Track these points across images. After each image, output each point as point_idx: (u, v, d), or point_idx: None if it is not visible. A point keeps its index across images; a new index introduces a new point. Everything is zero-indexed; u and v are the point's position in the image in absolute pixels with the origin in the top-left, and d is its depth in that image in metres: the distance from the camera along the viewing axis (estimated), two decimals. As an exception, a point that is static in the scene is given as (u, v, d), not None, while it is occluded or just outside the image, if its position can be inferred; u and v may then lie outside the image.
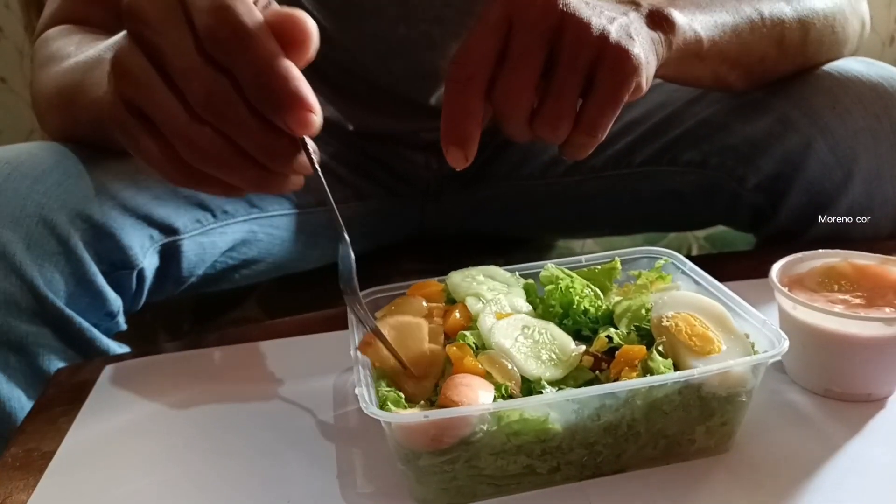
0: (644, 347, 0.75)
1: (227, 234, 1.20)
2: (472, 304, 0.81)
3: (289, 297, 1.52)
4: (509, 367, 0.72)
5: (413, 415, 0.66)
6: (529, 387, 0.73)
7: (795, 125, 1.16)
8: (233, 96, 0.56)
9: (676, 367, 0.73)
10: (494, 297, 0.82)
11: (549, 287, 0.84)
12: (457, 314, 0.80)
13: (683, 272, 0.89)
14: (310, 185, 0.71)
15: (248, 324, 1.46)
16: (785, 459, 0.71)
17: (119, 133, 0.61)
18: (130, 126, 0.60)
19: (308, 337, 1.04)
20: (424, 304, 0.83)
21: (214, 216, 1.14)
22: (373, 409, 0.66)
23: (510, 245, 1.59)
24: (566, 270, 0.88)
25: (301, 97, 0.56)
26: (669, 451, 0.72)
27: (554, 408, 0.69)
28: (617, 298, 0.86)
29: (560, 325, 0.81)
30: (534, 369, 0.73)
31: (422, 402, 0.73)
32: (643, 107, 1.38)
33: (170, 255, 1.06)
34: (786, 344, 0.72)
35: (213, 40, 0.55)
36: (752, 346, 0.76)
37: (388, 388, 0.72)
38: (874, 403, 0.82)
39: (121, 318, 1.07)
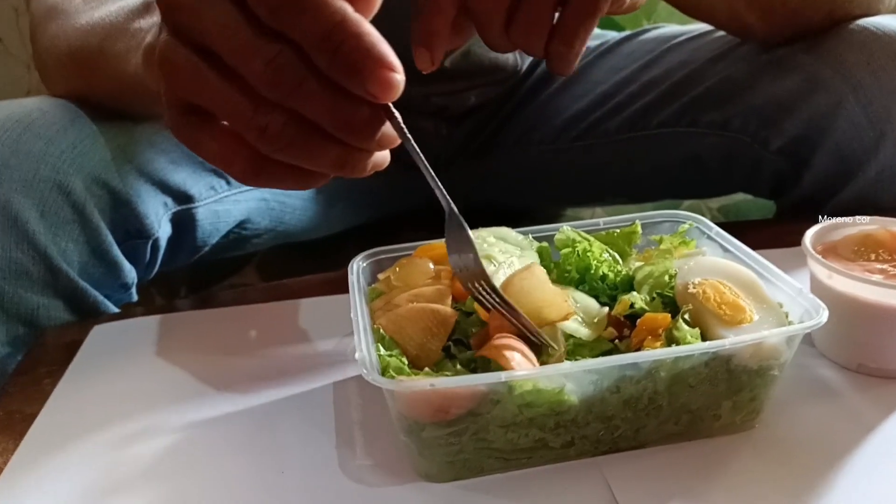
0: (668, 315, 0.68)
1: (240, 202, 1.14)
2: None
3: (289, 265, 1.46)
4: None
5: (418, 382, 0.59)
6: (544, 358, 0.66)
7: (826, 83, 1.08)
8: (298, 68, 0.46)
9: (704, 338, 0.66)
10: (507, 259, 0.75)
11: (565, 251, 0.77)
12: (465, 277, 0.73)
13: (709, 237, 0.81)
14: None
15: (248, 287, 1.41)
16: (814, 438, 0.66)
17: (179, 138, 0.53)
18: (188, 128, 0.52)
19: (308, 300, 0.97)
20: (431, 266, 0.76)
21: (228, 183, 1.12)
22: (374, 377, 0.59)
23: (518, 216, 1.52)
24: (583, 234, 0.81)
25: (380, 55, 0.46)
26: (692, 426, 0.66)
27: (570, 378, 0.62)
28: (638, 264, 0.78)
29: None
30: (568, 327, 0.67)
31: (427, 368, 0.66)
32: (662, 66, 1.29)
33: (184, 223, 1.02)
34: (825, 314, 0.65)
35: (265, 5, 0.46)
36: (786, 317, 0.69)
37: (390, 354, 0.66)
38: (911, 380, 0.76)
39: (134, 290, 1.01)
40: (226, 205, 1.11)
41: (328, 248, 1.46)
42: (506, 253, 0.77)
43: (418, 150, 0.54)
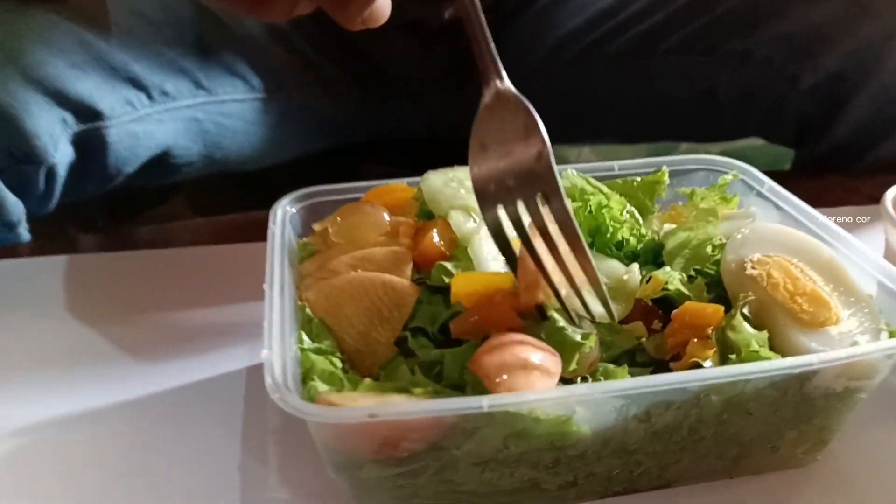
0: (720, 308, 0.47)
1: (165, 122, 0.90)
2: (457, 221, 0.52)
3: (226, 196, 1.22)
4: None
5: (348, 411, 0.37)
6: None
7: (877, 9, 0.90)
8: None
9: (772, 344, 0.45)
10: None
11: (574, 205, 0.55)
12: (434, 235, 0.51)
13: (759, 194, 0.60)
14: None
15: (174, 223, 1.19)
16: (891, 473, 0.51)
17: None
18: None
19: (236, 247, 0.75)
20: (386, 216, 0.54)
21: (150, 97, 0.89)
22: (284, 396, 0.37)
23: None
24: (593, 181, 0.59)
25: None
26: (739, 461, 0.48)
27: (585, 403, 0.41)
28: (667, 226, 0.57)
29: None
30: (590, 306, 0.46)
31: (370, 371, 0.44)
32: (674, -21, 1.07)
33: (90, 146, 0.82)
34: (948, 319, 0.44)
35: None
36: (878, 315, 0.48)
37: (317, 348, 0.44)
38: None
39: (22, 229, 0.80)
40: (147, 125, 0.88)
41: (274, 179, 1.22)
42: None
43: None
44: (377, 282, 0.47)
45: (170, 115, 0.91)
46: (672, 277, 0.50)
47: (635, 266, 0.51)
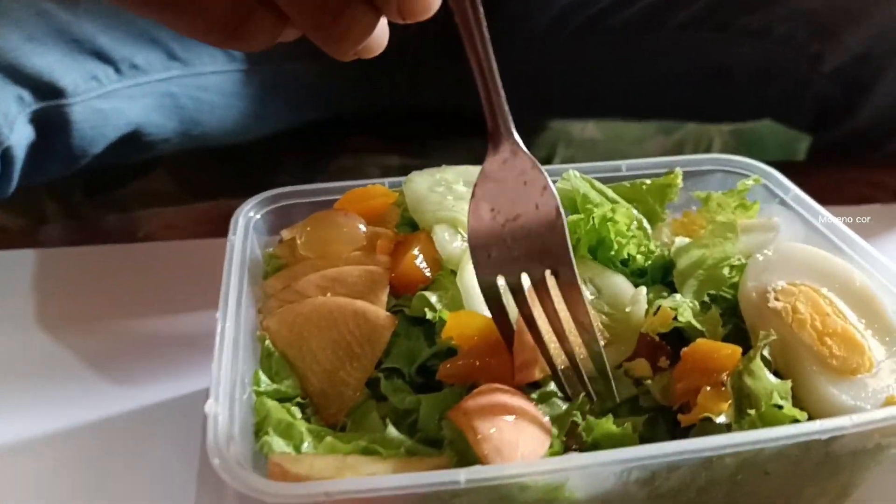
0: (737, 351, 0.40)
1: (136, 97, 0.83)
2: (442, 239, 0.46)
3: (210, 169, 1.16)
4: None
5: (303, 489, 0.31)
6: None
7: None
8: None
9: (794, 391, 0.39)
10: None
11: (574, 218, 0.48)
12: (415, 254, 0.45)
13: (783, 202, 0.54)
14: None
15: (154, 198, 1.13)
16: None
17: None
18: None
19: (208, 243, 0.68)
20: (361, 227, 0.47)
21: (118, 71, 0.82)
22: (233, 472, 0.32)
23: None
24: (598, 185, 0.53)
25: None
26: None
27: (579, 471, 0.35)
28: (679, 241, 0.50)
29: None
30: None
31: (335, 419, 0.39)
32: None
33: (52, 125, 0.77)
34: None
35: None
36: (918, 356, 0.42)
37: (275, 390, 0.38)
38: None
39: None
40: (115, 101, 0.81)
41: (260, 151, 1.15)
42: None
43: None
44: (348, 311, 0.41)
45: (140, 90, 0.84)
46: (682, 307, 0.43)
47: (642, 293, 0.45)
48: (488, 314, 0.39)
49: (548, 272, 0.38)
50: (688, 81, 1.04)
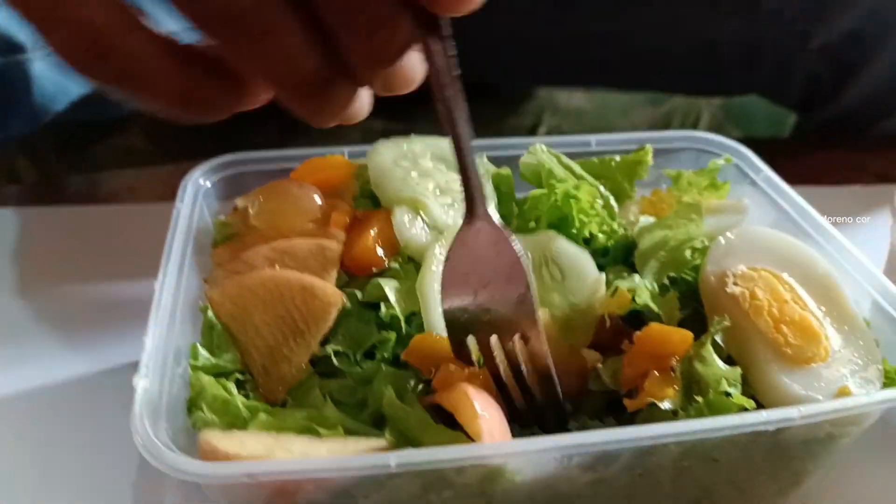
0: (689, 336, 0.39)
1: None
2: (401, 222, 0.44)
3: (185, 129, 1.13)
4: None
5: (223, 469, 0.30)
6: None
7: None
8: None
9: (746, 378, 0.38)
10: (447, 208, 0.45)
11: (537, 193, 0.47)
12: (372, 235, 0.43)
13: (753, 183, 0.52)
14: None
15: (128, 156, 1.10)
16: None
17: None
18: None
19: (163, 207, 0.66)
20: (317, 199, 0.46)
21: None
22: (152, 449, 0.30)
23: (475, 90, 1.19)
24: (564, 159, 0.51)
25: None
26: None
27: (522, 453, 0.34)
28: (644, 220, 0.49)
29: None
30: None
31: (285, 395, 0.37)
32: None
33: (10, 82, 0.74)
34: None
35: None
36: (877, 344, 0.41)
37: (213, 364, 0.37)
38: None
39: None
40: None
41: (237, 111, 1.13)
42: (447, 192, 0.47)
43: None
44: (295, 286, 0.40)
45: None
46: (640, 289, 0.42)
47: (601, 282, 0.44)
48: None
49: (517, 337, 0.37)
50: (676, 55, 1.02)
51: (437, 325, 0.39)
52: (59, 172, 0.99)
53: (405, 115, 1.17)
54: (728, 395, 0.37)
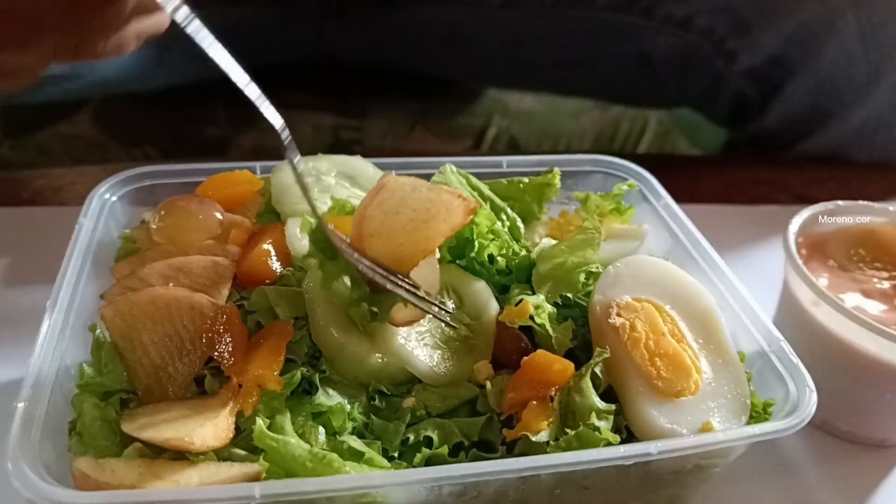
0: (569, 367, 0.40)
1: None
2: (293, 234, 0.44)
3: (136, 116, 1.11)
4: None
5: (95, 497, 0.30)
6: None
7: None
8: None
9: (624, 410, 0.39)
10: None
11: (437, 217, 0.47)
12: (265, 248, 0.43)
13: (655, 210, 0.52)
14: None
15: (76, 142, 1.08)
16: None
17: None
18: None
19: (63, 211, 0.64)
20: (218, 215, 0.45)
21: None
22: (21, 480, 0.30)
23: (429, 88, 1.18)
24: (473, 180, 0.51)
25: None
26: None
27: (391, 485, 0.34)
28: (545, 242, 0.49)
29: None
30: (427, 363, 0.40)
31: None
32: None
33: None
34: (812, 404, 0.38)
35: None
36: (749, 379, 0.42)
37: (96, 381, 0.36)
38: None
39: None
40: None
41: (188, 101, 1.10)
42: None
43: None
44: (184, 304, 0.39)
45: None
46: (543, 307, 0.42)
47: (493, 303, 0.44)
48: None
49: None
50: (611, 65, 1.02)
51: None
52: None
53: (357, 111, 1.16)
54: (595, 430, 0.37)
